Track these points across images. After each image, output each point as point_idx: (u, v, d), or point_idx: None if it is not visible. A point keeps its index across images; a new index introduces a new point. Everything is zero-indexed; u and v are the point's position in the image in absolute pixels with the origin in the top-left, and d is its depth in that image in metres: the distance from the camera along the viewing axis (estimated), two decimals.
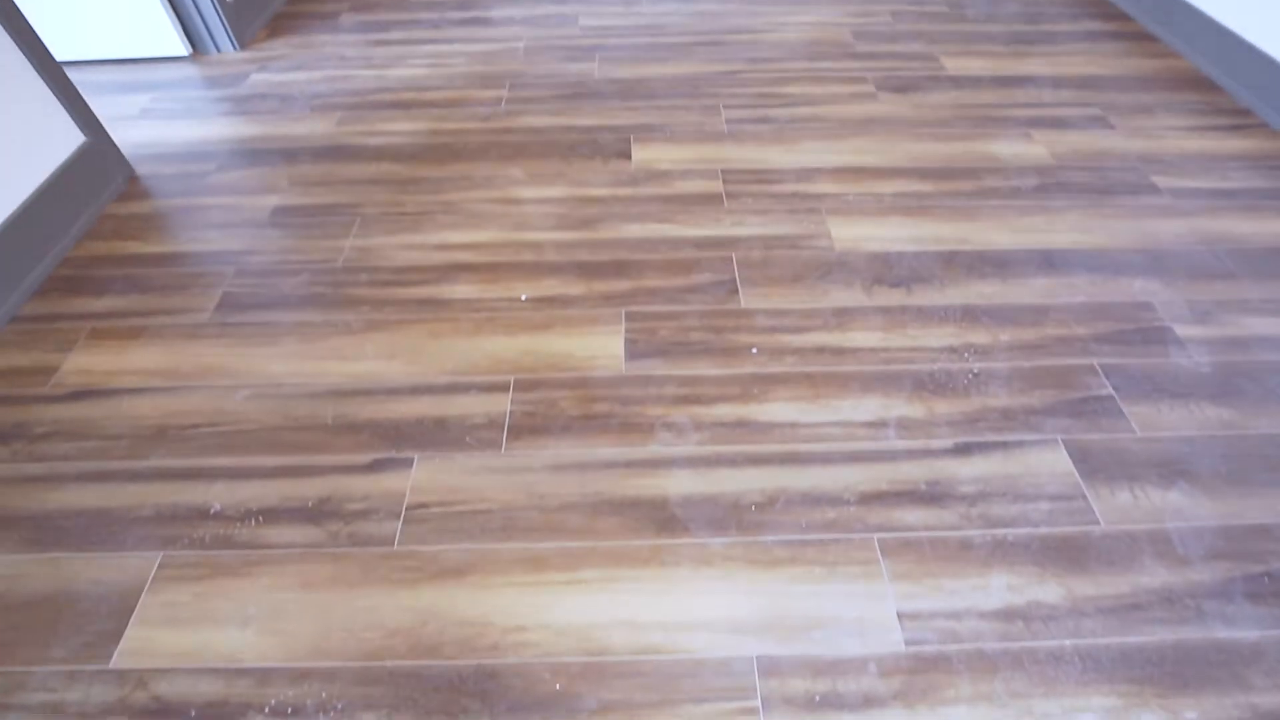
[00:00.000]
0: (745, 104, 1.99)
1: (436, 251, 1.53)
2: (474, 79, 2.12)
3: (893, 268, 1.49)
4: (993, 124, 1.93)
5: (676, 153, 1.81)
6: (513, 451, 1.16)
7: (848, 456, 1.15)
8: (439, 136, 1.89)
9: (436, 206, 1.65)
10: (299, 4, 2.62)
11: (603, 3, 2.54)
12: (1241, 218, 1.65)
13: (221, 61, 2.28)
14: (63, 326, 1.41)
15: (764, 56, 2.21)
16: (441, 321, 1.37)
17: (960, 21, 2.43)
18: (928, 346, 1.32)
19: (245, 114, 2.02)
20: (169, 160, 1.86)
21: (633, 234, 1.57)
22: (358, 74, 2.17)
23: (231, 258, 1.55)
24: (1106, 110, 2.01)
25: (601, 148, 1.83)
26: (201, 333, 1.38)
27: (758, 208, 1.63)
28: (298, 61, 2.26)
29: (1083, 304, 1.42)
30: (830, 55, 2.21)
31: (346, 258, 1.53)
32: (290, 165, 1.81)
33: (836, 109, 1.97)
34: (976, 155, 1.81)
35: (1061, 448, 1.17)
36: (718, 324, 1.36)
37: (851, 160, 1.79)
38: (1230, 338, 1.37)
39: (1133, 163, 1.81)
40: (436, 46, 2.29)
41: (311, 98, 2.07)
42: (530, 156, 1.80)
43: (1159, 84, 2.12)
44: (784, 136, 1.87)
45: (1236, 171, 1.79)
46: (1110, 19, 2.48)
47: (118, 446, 1.19)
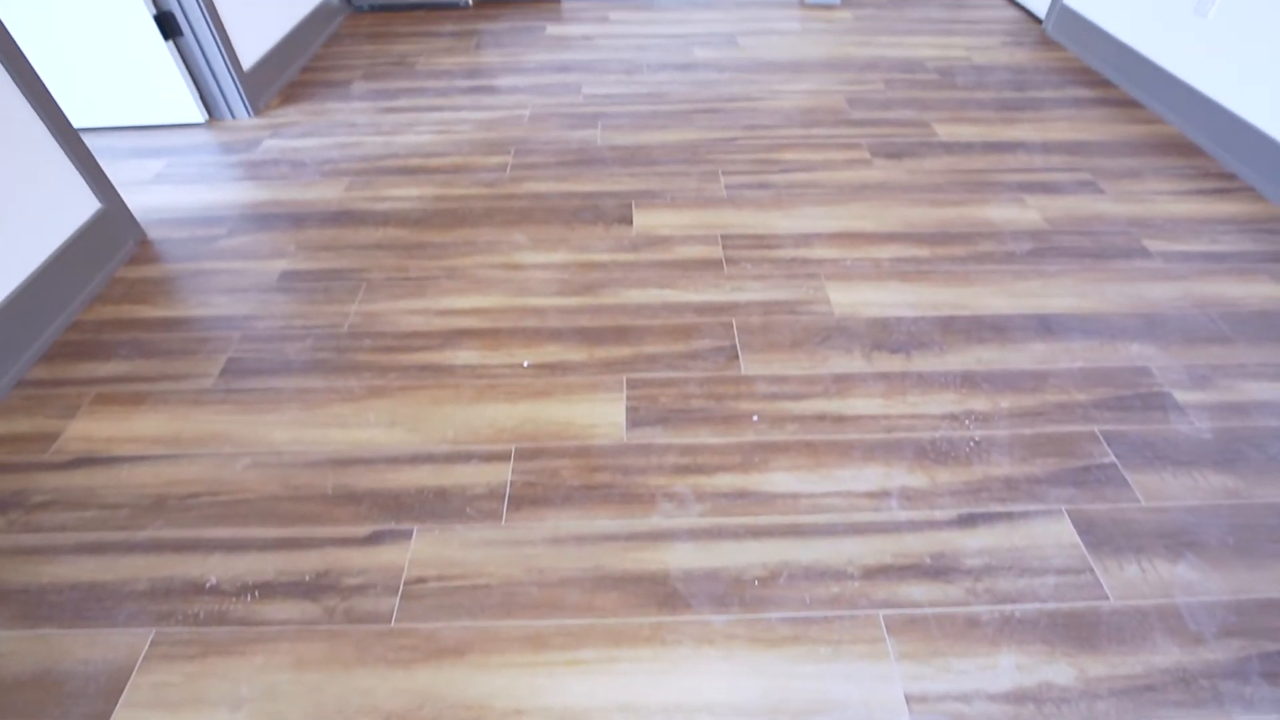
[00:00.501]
0: (744, 170, 2.05)
1: (440, 317, 1.55)
2: (479, 145, 2.19)
3: (892, 333, 1.50)
4: (986, 189, 1.98)
5: (677, 218, 1.85)
6: (513, 523, 1.15)
7: (850, 528, 1.14)
8: (444, 202, 1.93)
9: (441, 272, 1.68)
10: (313, 72, 2.71)
11: (605, 71, 2.63)
12: (1233, 281, 1.67)
13: (236, 127, 2.36)
14: (67, 392, 1.42)
15: (761, 123, 2.28)
16: (444, 388, 1.38)
17: (951, 89, 2.52)
18: (928, 414, 1.33)
19: (257, 179, 2.07)
20: (180, 224, 1.90)
21: (634, 299, 1.59)
22: (367, 140, 2.24)
23: (238, 323, 1.57)
24: (1096, 175, 2.06)
25: (603, 213, 1.87)
26: (205, 399, 1.39)
27: (757, 273, 1.66)
28: (309, 128, 2.33)
29: (1081, 369, 1.43)
30: (826, 122, 2.28)
31: (351, 323, 1.55)
32: (299, 230, 1.85)
33: (833, 175, 2.02)
34: (971, 220, 1.85)
35: (1066, 518, 1.16)
36: (718, 391, 1.37)
37: (849, 225, 1.82)
38: (1229, 403, 1.37)
39: (1124, 227, 1.85)
40: (443, 114, 2.37)
41: (321, 163, 2.13)
42: (534, 222, 1.84)
43: (1145, 149, 2.18)
44: (782, 202, 1.91)
45: (1226, 235, 1.82)
46: (1095, 86, 2.56)
47: (116, 516, 1.18)
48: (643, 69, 2.65)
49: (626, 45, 2.84)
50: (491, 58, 2.77)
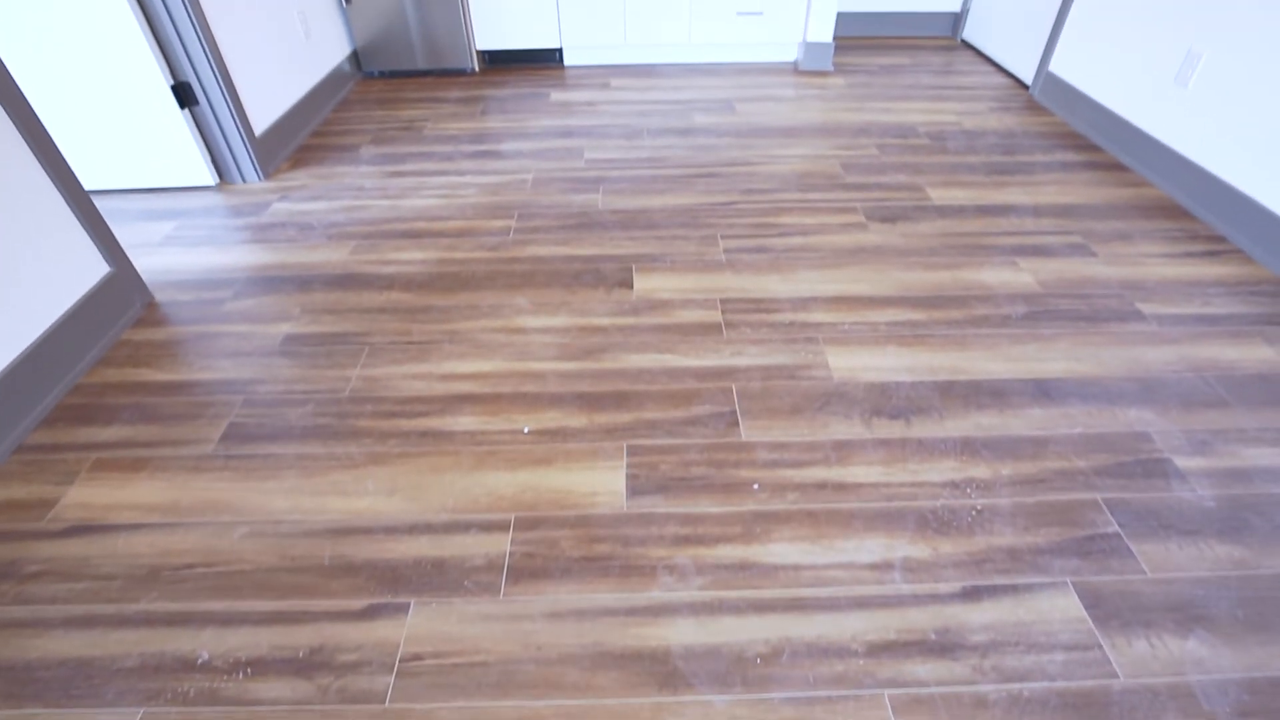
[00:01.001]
0: (742, 234, 2.09)
1: (441, 382, 1.56)
2: (483, 209, 2.24)
3: (890, 398, 1.51)
4: (979, 252, 2.02)
5: (677, 282, 1.88)
6: (511, 596, 1.13)
7: (854, 602, 1.12)
8: (448, 265, 1.97)
9: (443, 336, 1.70)
10: (323, 136, 2.80)
11: (607, 136, 2.71)
12: (1227, 344, 1.69)
13: (246, 191, 2.42)
14: (67, 457, 1.42)
15: (759, 188, 2.34)
16: (443, 455, 1.38)
17: (942, 154, 2.59)
18: (929, 481, 1.32)
19: (264, 242, 2.12)
20: (188, 287, 1.93)
21: (634, 364, 1.60)
22: (374, 204, 2.29)
23: (240, 387, 1.58)
24: (1087, 237, 2.10)
25: (604, 277, 1.90)
26: (205, 465, 1.39)
27: (756, 337, 1.68)
28: (318, 191, 2.39)
29: (1081, 435, 1.43)
30: (821, 186, 2.34)
31: (353, 388, 1.56)
32: (304, 293, 1.88)
33: (829, 238, 2.07)
34: (965, 283, 1.88)
35: (1072, 591, 1.15)
36: (719, 458, 1.37)
37: (846, 289, 1.85)
38: (1231, 469, 1.37)
39: (1117, 289, 1.88)
40: (449, 178, 2.43)
41: (328, 226, 2.18)
42: (535, 286, 1.87)
43: (1134, 212, 2.23)
44: (780, 266, 1.94)
45: (1218, 297, 1.85)
46: (1082, 150, 2.64)
47: (109, 588, 1.16)
48: (643, 134, 2.73)
49: (628, 111, 2.94)
50: (497, 123, 2.86)
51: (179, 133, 2.32)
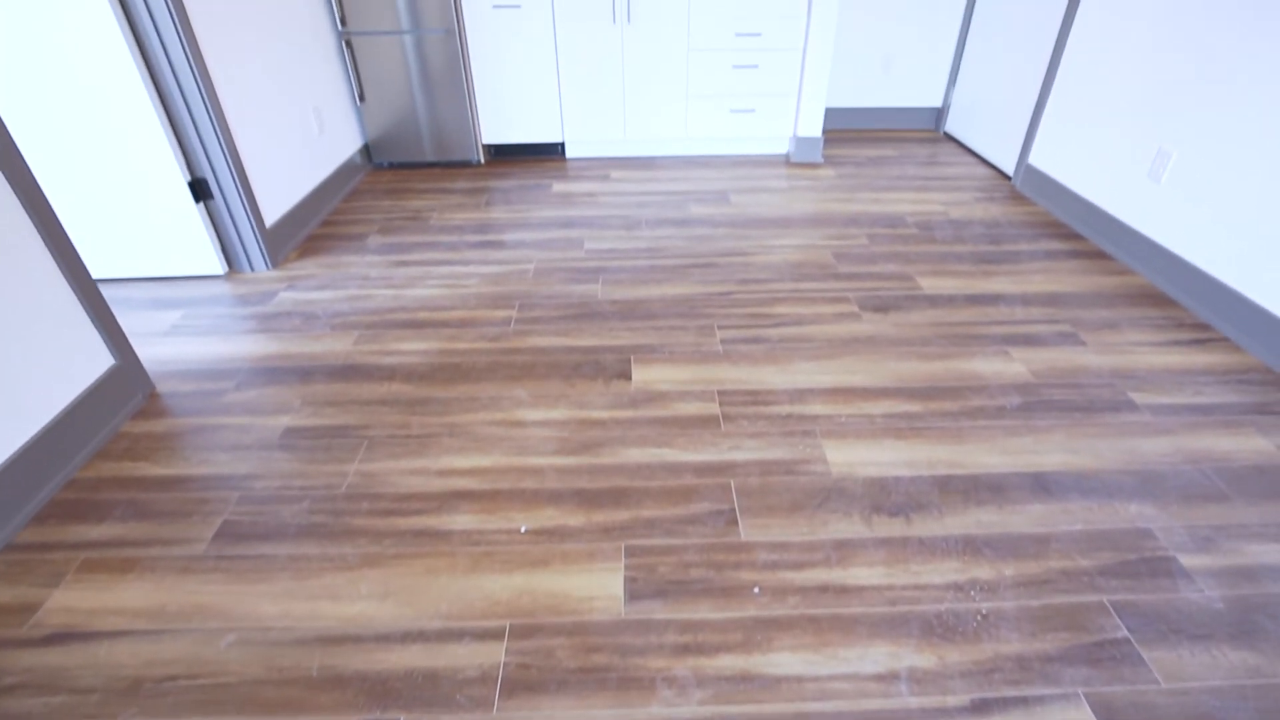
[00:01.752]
0: (738, 324, 2.13)
1: (439, 478, 1.56)
2: (485, 299, 2.29)
3: (890, 494, 1.50)
4: (971, 341, 2.05)
5: (675, 373, 1.90)
6: (506, 712, 1.09)
7: (860, 718, 1.08)
8: (449, 356, 1.99)
9: (442, 429, 1.71)
10: (332, 226, 2.89)
11: (606, 227, 2.81)
12: (1222, 434, 1.70)
13: (254, 280, 2.47)
14: (55, 557, 1.39)
15: (754, 278, 2.40)
16: (439, 556, 1.36)
17: (931, 243, 2.67)
18: (932, 584, 1.30)
19: (269, 331, 2.15)
20: (190, 377, 1.95)
21: (632, 459, 1.60)
22: (378, 294, 2.35)
23: (237, 482, 1.57)
24: (1076, 326, 2.14)
25: (603, 368, 1.93)
26: (195, 566, 1.36)
27: (754, 430, 1.69)
28: (324, 281, 2.45)
29: (1082, 532, 1.42)
30: (815, 276, 2.41)
31: (350, 484, 1.55)
32: (306, 384, 1.89)
33: (824, 328, 2.11)
34: (959, 374, 1.91)
35: (1085, 703, 1.11)
36: (718, 559, 1.35)
37: (841, 380, 1.87)
38: (1237, 568, 1.35)
39: (1108, 379, 1.90)
40: (453, 268, 2.50)
41: (333, 316, 2.22)
42: (535, 377, 1.90)
43: (1120, 300, 2.29)
44: (776, 356, 1.97)
45: (1209, 386, 1.87)
46: (1066, 239, 2.73)
47: (86, 703, 1.12)
48: (642, 225, 2.82)
49: (627, 202, 3.05)
50: (501, 214, 2.96)
51: (192, 225, 2.40)
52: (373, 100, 3.33)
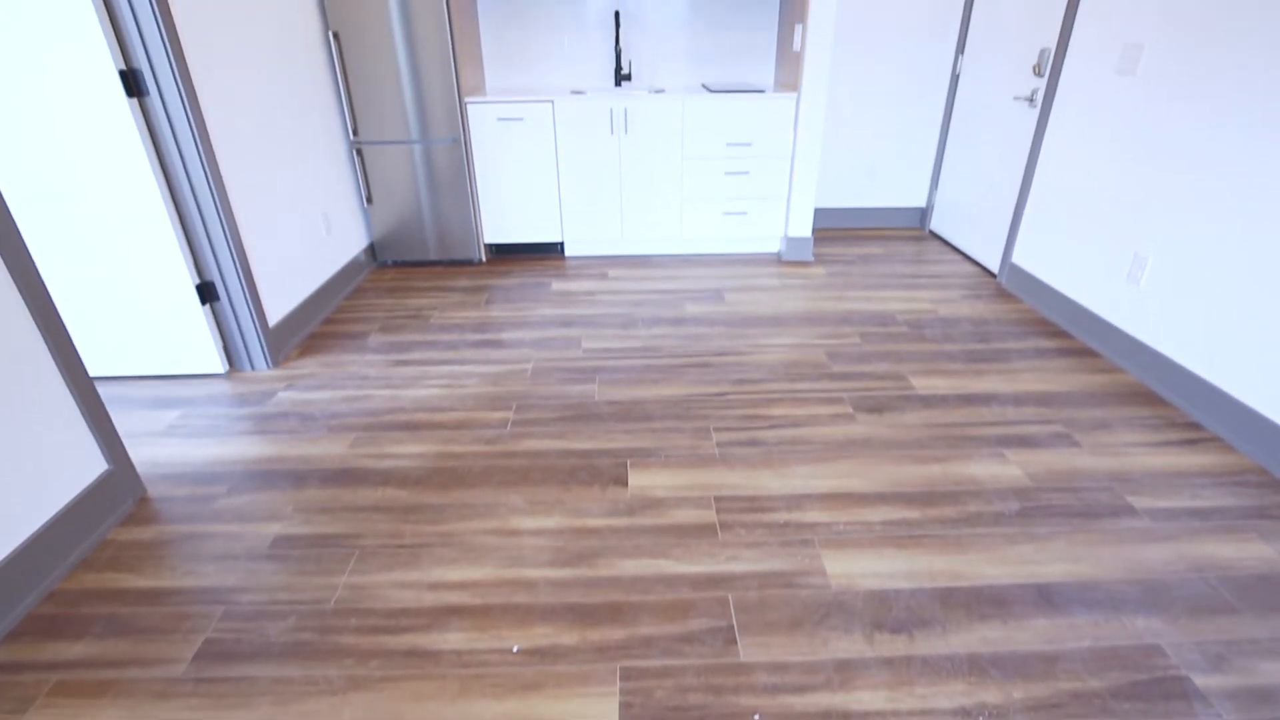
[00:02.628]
0: (734, 426, 2.15)
1: (430, 591, 1.52)
2: (483, 400, 2.31)
3: (891, 609, 1.47)
4: (966, 443, 2.06)
5: (671, 478, 1.90)
6: None
7: None
8: (445, 460, 1.99)
9: (435, 539, 1.68)
10: (334, 324, 2.95)
11: (604, 326, 2.87)
12: (1224, 541, 1.68)
13: (254, 379, 2.50)
14: (26, 680, 1.34)
15: (749, 378, 2.44)
16: (428, 679, 1.31)
17: (921, 341, 2.73)
18: (938, 709, 1.25)
19: (266, 433, 2.15)
20: (183, 481, 1.93)
21: (628, 571, 1.57)
22: (376, 394, 2.37)
23: (222, 595, 1.53)
24: (1069, 426, 2.16)
25: (599, 473, 1.92)
26: (173, 690, 1.31)
27: (751, 539, 1.67)
28: (323, 380, 2.47)
29: (1090, 650, 1.38)
30: (809, 376, 2.45)
31: (339, 597, 1.52)
32: (299, 490, 1.88)
33: (819, 430, 2.12)
34: (956, 478, 1.90)
35: None
36: (716, 682, 1.30)
37: (839, 485, 1.87)
38: (1253, 689, 1.31)
39: (1105, 482, 1.90)
40: (451, 368, 2.54)
41: (330, 418, 2.23)
42: (531, 483, 1.89)
43: (1111, 399, 2.32)
44: (772, 460, 1.98)
45: (1206, 489, 1.87)
46: (1053, 336, 2.79)
47: None
48: (638, 324, 2.89)
49: (624, 300, 3.13)
50: (500, 312, 3.03)
51: (197, 326, 2.45)
52: (380, 202, 3.48)
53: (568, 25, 3.69)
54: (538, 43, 3.73)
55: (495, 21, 3.68)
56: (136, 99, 2.11)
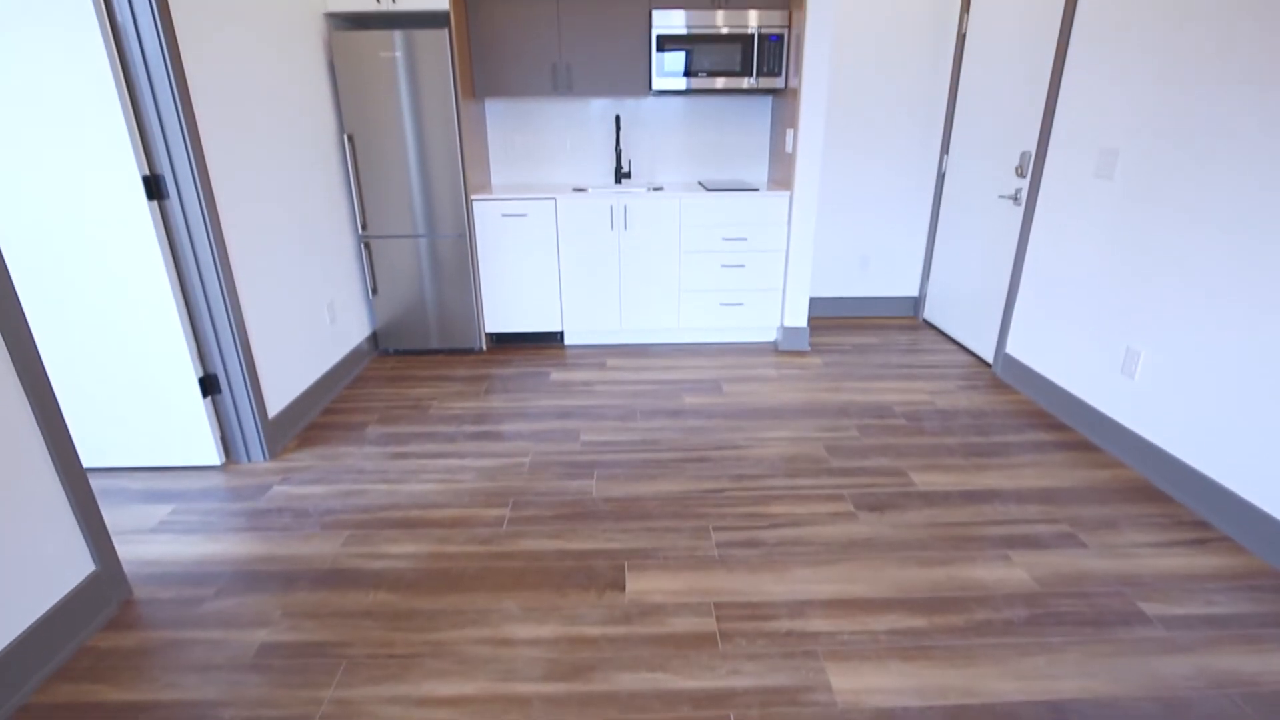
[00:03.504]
0: (733, 525, 2.11)
1: (418, 708, 1.46)
2: (480, 496, 2.28)
3: None
4: (970, 544, 2.02)
5: (669, 582, 1.85)
6: None
7: None
8: (439, 561, 1.95)
9: (426, 648, 1.63)
10: (333, 414, 2.95)
11: (602, 418, 2.87)
12: (1245, 653, 1.62)
13: (250, 471, 2.48)
14: None
15: (748, 473, 2.42)
16: None
17: (920, 434, 2.73)
18: None
19: (258, 530, 2.12)
20: (170, 581, 1.89)
21: (625, 685, 1.51)
22: (372, 488, 2.34)
23: (202, 710, 1.46)
24: (1074, 526, 2.12)
25: (596, 576, 1.88)
26: None
27: (753, 650, 1.61)
28: (319, 474, 2.45)
29: None
30: (808, 472, 2.43)
31: (324, 713, 1.45)
32: (288, 592, 1.83)
33: (820, 530, 2.09)
34: (962, 582, 1.86)
35: None
36: None
37: (842, 590, 1.82)
38: None
39: (1115, 586, 1.85)
40: (449, 461, 2.52)
41: (324, 514, 2.20)
42: (526, 586, 1.84)
43: (1115, 495, 2.29)
44: (773, 562, 1.94)
45: (1220, 594, 1.82)
46: (1052, 429, 2.79)
47: None
48: (637, 415, 2.89)
49: (622, 391, 3.15)
50: (499, 402, 3.04)
51: (196, 418, 2.45)
52: (384, 293, 3.55)
53: (571, 127, 3.89)
54: (542, 143, 3.92)
55: (502, 124, 3.88)
56: (157, 201, 2.20)
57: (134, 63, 2.06)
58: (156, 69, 2.07)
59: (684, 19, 3.39)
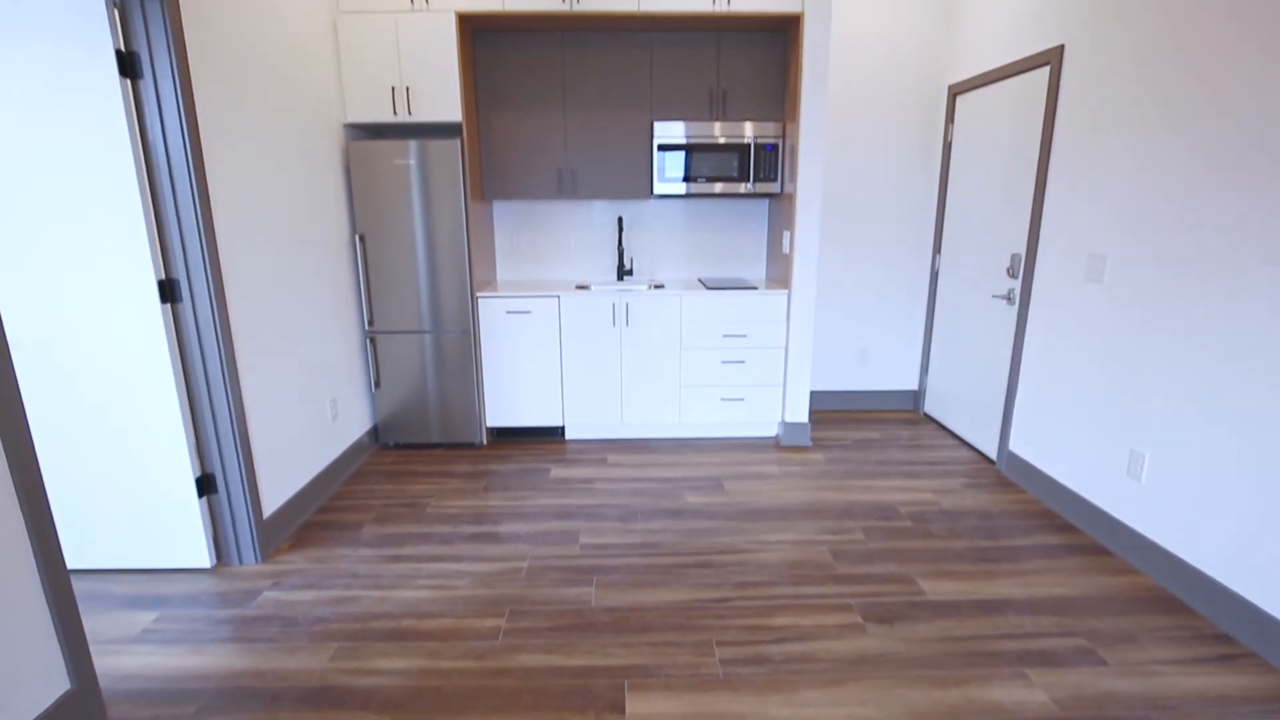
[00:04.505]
0: (738, 639, 2.03)
1: None
2: (475, 605, 2.21)
3: None
4: (985, 661, 1.94)
5: (672, 704, 1.76)
6: None
7: None
8: (430, 679, 1.86)
9: None
10: (329, 512, 2.90)
11: (602, 519, 2.82)
12: None
13: (240, 575, 2.41)
14: None
15: (751, 580, 2.35)
16: None
17: (926, 537, 2.67)
18: None
19: (244, 640, 2.04)
20: (148, 699, 1.80)
21: None
22: (365, 594, 2.27)
23: None
24: (1092, 640, 2.04)
25: (594, 697, 1.79)
26: None
27: None
28: (311, 578, 2.38)
29: None
30: (814, 579, 2.36)
31: None
32: (271, 712, 1.74)
33: (828, 645, 2.00)
34: (979, 705, 1.77)
35: None
36: None
37: (853, 714, 1.73)
38: None
39: (1141, 710, 1.76)
40: (444, 565, 2.46)
41: (314, 622, 2.12)
42: (520, 708, 1.75)
43: (1131, 606, 2.21)
44: (780, 682, 1.85)
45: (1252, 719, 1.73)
46: (1061, 531, 2.73)
47: None
48: (637, 515, 2.84)
49: (623, 489, 3.11)
50: (498, 501, 2.99)
51: (189, 518, 2.41)
52: (387, 386, 3.58)
53: (575, 227, 4.04)
54: (547, 241, 4.06)
55: (509, 223, 4.03)
56: (170, 304, 2.25)
57: (159, 170, 2.16)
58: (180, 178, 2.16)
59: (684, 130, 3.58)
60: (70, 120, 2.05)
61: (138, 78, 2.09)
